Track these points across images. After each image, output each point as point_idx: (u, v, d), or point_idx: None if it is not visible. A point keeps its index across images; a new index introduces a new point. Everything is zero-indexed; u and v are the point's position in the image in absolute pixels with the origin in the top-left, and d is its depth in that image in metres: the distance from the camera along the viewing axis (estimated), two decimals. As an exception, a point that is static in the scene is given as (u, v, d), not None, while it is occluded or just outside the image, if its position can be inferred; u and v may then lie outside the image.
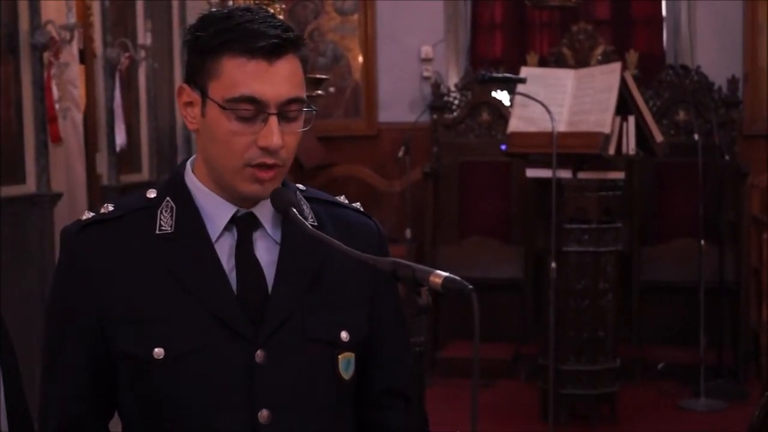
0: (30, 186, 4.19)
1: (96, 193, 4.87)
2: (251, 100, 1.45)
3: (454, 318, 5.82)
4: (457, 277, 1.30)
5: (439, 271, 1.31)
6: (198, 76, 1.50)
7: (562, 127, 4.58)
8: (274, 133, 1.46)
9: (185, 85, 1.53)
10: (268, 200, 1.53)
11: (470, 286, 1.28)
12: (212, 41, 1.47)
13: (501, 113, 6.31)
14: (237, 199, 1.53)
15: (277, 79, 1.46)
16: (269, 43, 1.45)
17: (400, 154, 5.91)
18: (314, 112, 1.53)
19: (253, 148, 1.47)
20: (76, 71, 4.62)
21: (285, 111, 1.48)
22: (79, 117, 4.67)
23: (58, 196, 4.33)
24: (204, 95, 1.49)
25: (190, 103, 1.52)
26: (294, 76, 1.49)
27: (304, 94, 1.51)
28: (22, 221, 4.11)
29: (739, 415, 4.70)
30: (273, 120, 1.46)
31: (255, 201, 1.54)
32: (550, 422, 4.48)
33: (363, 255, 1.44)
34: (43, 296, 4.03)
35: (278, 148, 1.47)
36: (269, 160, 1.48)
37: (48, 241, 4.20)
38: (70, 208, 4.46)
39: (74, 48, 4.56)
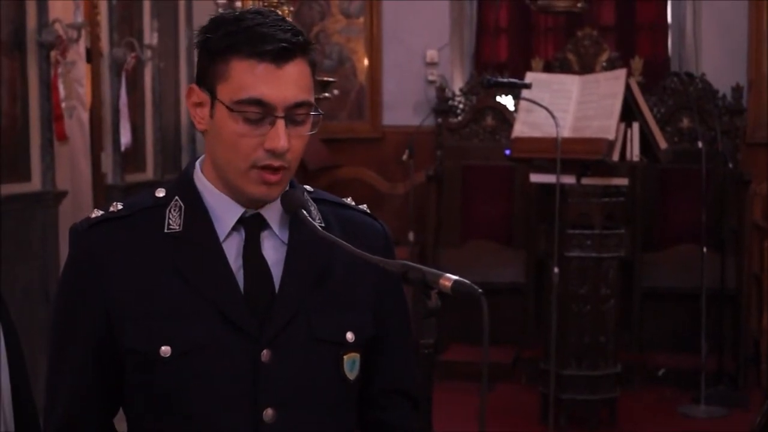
0: (35, 183, 4.19)
1: (101, 192, 4.87)
2: (258, 102, 1.46)
3: (453, 321, 5.80)
4: (466, 281, 1.31)
5: (448, 275, 1.32)
6: (207, 78, 1.50)
7: (566, 133, 4.58)
8: (281, 137, 1.46)
9: (195, 86, 1.54)
10: (277, 201, 1.54)
11: (480, 290, 1.29)
12: (221, 43, 1.48)
13: (505, 118, 6.33)
14: (244, 200, 1.54)
15: (284, 83, 1.46)
16: (277, 46, 1.45)
17: (404, 157, 5.92)
18: (321, 116, 1.53)
19: (259, 150, 1.47)
20: (82, 70, 4.64)
21: (292, 114, 1.48)
22: (84, 116, 4.68)
23: (63, 194, 4.34)
24: (212, 97, 1.50)
25: (199, 104, 1.53)
26: (302, 79, 1.49)
27: (312, 98, 1.51)
28: (27, 218, 4.11)
29: (739, 422, 4.71)
30: (280, 123, 1.47)
31: (262, 203, 1.54)
32: (550, 426, 4.48)
33: (373, 257, 1.45)
34: (46, 294, 4.04)
35: (284, 151, 1.48)
36: (275, 162, 1.48)
37: (52, 238, 4.19)
38: (74, 206, 4.47)
39: (81, 47, 4.58)
